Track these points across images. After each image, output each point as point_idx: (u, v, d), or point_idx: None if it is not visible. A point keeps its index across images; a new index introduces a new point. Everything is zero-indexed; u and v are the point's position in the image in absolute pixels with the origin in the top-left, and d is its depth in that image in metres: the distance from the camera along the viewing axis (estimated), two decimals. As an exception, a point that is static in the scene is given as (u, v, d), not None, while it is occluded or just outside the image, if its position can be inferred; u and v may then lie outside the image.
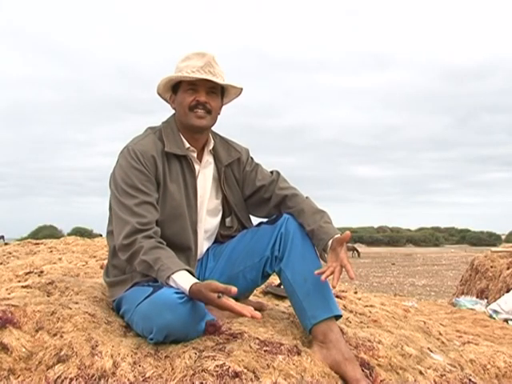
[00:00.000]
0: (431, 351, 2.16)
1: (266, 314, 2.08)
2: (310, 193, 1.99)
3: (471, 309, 5.55)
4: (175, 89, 1.93)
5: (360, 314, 2.47)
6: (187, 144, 1.94)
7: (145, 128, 1.98)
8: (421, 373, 1.87)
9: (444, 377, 1.89)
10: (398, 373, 1.82)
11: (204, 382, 1.45)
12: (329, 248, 1.79)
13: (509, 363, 2.24)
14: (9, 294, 2.02)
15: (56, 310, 1.74)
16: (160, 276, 1.66)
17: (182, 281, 1.62)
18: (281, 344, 1.69)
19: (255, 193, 2.04)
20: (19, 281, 2.83)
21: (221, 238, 2.06)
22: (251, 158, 2.10)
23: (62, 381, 1.44)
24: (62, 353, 1.52)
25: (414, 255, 41.07)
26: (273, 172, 2.08)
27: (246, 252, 1.94)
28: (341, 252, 1.74)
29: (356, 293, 3.34)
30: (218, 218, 2.05)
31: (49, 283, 2.17)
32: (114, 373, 1.47)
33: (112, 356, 1.53)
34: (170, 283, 1.64)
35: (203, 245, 2.01)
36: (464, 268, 9.64)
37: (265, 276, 1.98)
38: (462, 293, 7.00)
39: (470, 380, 1.93)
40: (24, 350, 1.54)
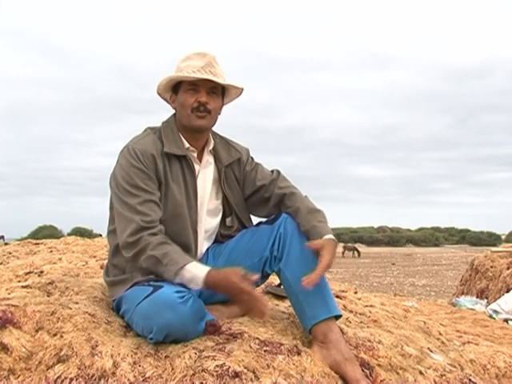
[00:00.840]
0: (431, 351, 2.16)
1: (266, 314, 2.08)
2: (310, 193, 1.99)
3: (471, 309, 5.55)
4: (176, 89, 1.93)
5: (360, 314, 2.47)
6: (187, 144, 1.94)
7: (144, 128, 1.98)
8: (421, 373, 1.87)
9: (444, 377, 1.89)
10: (398, 373, 1.82)
11: (204, 382, 1.45)
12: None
13: (509, 363, 2.24)
14: (9, 294, 2.02)
15: (56, 310, 1.74)
16: (169, 270, 1.67)
17: (197, 270, 1.65)
18: (281, 344, 1.69)
19: (255, 192, 2.04)
20: (19, 281, 2.83)
21: (221, 238, 2.05)
22: (251, 158, 2.10)
23: (62, 381, 1.44)
24: (62, 353, 1.52)
25: (414, 255, 41.07)
26: (273, 171, 2.08)
27: (245, 252, 1.94)
28: (324, 254, 1.73)
29: (356, 293, 3.33)
30: (218, 218, 2.05)
31: (49, 283, 2.17)
32: (114, 373, 1.47)
33: (112, 356, 1.53)
34: (181, 276, 1.65)
35: (203, 245, 2.01)
36: (464, 268, 9.64)
37: (264, 276, 1.98)
38: (462, 293, 7.01)
39: (470, 380, 1.93)
40: (24, 350, 1.54)
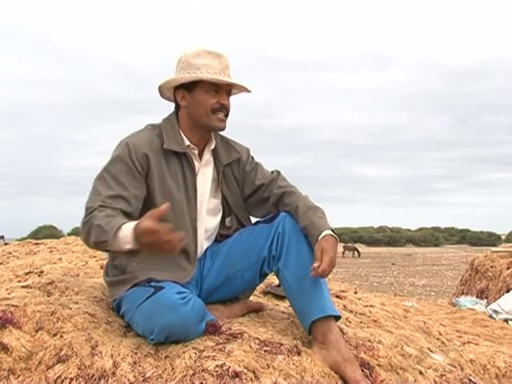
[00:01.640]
0: (431, 351, 2.16)
1: (266, 314, 2.08)
2: (310, 193, 1.98)
3: (471, 309, 5.55)
4: (188, 86, 1.88)
5: (360, 314, 2.47)
6: (187, 141, 1.93)
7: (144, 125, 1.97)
8: (421, 373, 1.87)
9: (444, 377, 1.89)
10: (398, 373, 1.82)
11: (204, 382, 1.45)
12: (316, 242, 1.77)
13: (509, 363, 2.24)
14: (9, 294, 2.02)
15: (56, 310, 1.74)
16: (110, 234, 1.58)
17: (129, 226, 1.57)
18: (281, 344, 1.69)
19: (255, 192, 2.04)
20: (19, 281, 2.83)
21: (220, 238, 2.05)
22: (252, 158, 2.10)
23: (62, 381, 1.44)
24: (62, 353, 1.52)
25: (414, 255, 41.07)
26: (273, 172, 2.08)
27: (244, 252, 1.94)
28: (326, 248, 1.72)
29: (356, 293, 3.33)
30: (218, 218, 2.04)
31: (49, 283, 2.17)
32: (114, 373, 1.47)
33: (112, 356, 1.53)
34: (118, 239, 1.57)
35: (203, 244, 2.01)
36: (464, 268, 9.64)
37: (262, 275, 1.97)
38: (462, 293, 7.00)
39: (470, 380, 1.93)
40: (24, 350, 1.54)
